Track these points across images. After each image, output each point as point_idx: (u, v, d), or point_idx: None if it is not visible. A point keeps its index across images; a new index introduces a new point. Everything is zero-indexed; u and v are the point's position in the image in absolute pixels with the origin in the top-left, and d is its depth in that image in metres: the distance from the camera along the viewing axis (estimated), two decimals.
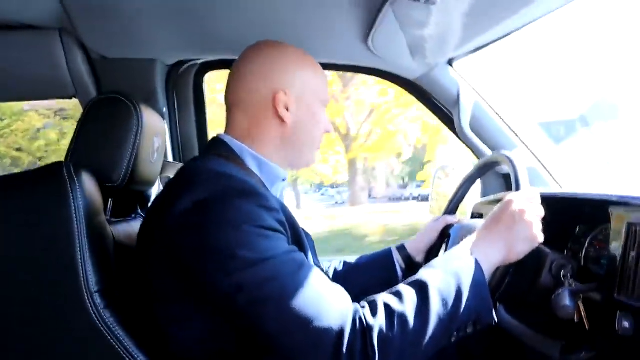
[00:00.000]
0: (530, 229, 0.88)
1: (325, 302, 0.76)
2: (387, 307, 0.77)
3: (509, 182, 1.64)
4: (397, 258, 1.28)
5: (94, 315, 0.81)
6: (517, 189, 0.97)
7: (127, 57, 1.39)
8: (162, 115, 1.44)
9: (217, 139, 0.97)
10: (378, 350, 0.73)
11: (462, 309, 0.78)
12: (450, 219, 1.32)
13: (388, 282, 1.26)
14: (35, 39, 1.32)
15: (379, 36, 1.29)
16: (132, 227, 1.15)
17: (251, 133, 0.96)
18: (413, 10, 1.14)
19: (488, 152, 1.54)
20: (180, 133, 1.54)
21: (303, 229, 1.00)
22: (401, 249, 1.30)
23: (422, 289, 0.79)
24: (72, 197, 0.82)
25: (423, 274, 0.82)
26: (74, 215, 0.82)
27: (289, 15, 1.24)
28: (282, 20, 1.26)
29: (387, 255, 1.29)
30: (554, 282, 0.99)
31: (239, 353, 0.82)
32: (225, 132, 0.99)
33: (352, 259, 1.33)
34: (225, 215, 0.77)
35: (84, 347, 0.83)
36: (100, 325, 0.82)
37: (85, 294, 0.81)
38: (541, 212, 0.91)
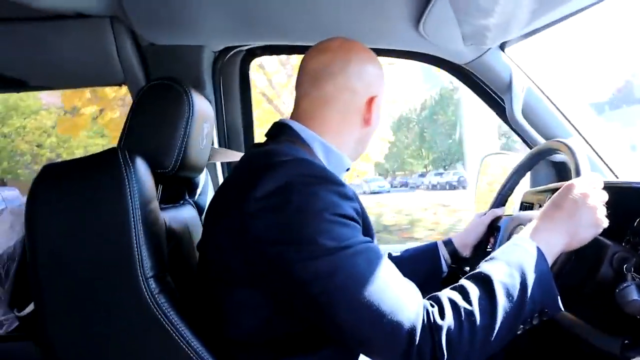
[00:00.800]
0: (594, 213, 0.85)
1: (400, 297, 0.75)
2: (454, 306, 0.75)
3: (561, 171, 1.59)
4: (443, 252, 1.26)
5: (149, 300, 0.83)
6: (578, 176, 0.93)
7: (175, 44, 1.40)
8: (209, 102, 1.45)
9: (285, 125, 0.97)
10: (447, 351, 0.71)
11: (527, 302, 0.76)
12: (498, 212, 1.29)
13: (433, 275, 1.26)
14: (87, 27, 1.35)
15: (431, 20, 1.26)
16: (181, 213, 1.17)
17: (329, 125, 0.97)
18: None
19: (540, 140, 1.49)
20: (225, 119, 1.55)
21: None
22: (448, 243, 1.28)
23: (486, 284, 0.77)
24: (127, 183, 0.84)
25: (486, 267, 0.80)
26: (130, 201, 0.83)
27: (339, 1, 1.22)
28: (332, 5, 1.24)
29: (432, 248, 1.27)
30: (615, 275, 0.95)
31: (301, 341, 0.83)
32: (293, 118, 0.99)
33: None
34: (306, 201, 0.77)
35: (139, 331, 0.84)
36: (155, 310, 0.83)
37: (141, 279, 0.83)
38: (605, 196, 0.88)
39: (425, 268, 1.24)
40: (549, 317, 0.81)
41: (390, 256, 1.29)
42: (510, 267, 0.79)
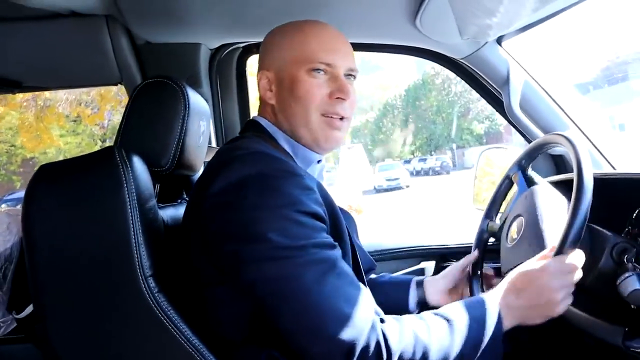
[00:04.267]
0: (557, 304, 0.86)
1: (346, 313, 0.73)
2: (415, 335, 0.76)
3: (559, 164, 1.59)
4: (413, 294, 1.19)
5: (149, 299, 0.82)
6: (579, 170, 0.92)
7: (171, 42, 1.40)
8: (206, 100, 1.44)
9: (253, 121, 0.98)
10: None
11: (477, 358, 0.79)
12: (471, 258, 1.20)
13: (398, 312, 1.23)
14: (82, 26, 1.34)
15: (427, 14, 1.25)
16: (179, 212, 1.16)
17: (277, 116, 0.96)
18: None
19: (539, 134, 1.49)
20: (223, 117, 1.54)
21: (341, 209, 0.97)
22: (419, 285, 1.21)
23: (449, 327, 0.78)
24: (125, 182, 0.83)
25: (451, 312, 0.81)
26: (128, 199, 0.83)
27: None
28: (328, 1, 1.23)
29: (404, 286, 1.21)
30: (615, 266, 0.94)
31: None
32: (260, 114, 1.00)
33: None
34: (261, 196, 0.76)
35: (140, 329, 0.84)
36: (155, 309, 0.83)
37: (140, 278, 0.82)
38: (578, 278, 0.88)
39: (395, 302, 1.18)
40: None
41: (368, 276, 1.21)
42: (473, 320, 0.80)
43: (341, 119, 0.95)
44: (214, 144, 1.55)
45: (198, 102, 1.08)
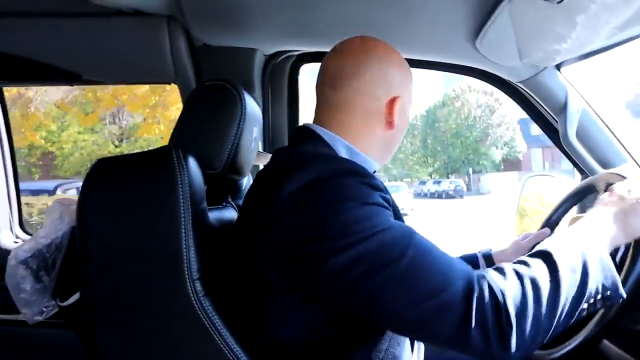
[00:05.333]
0: None
1: (447, 267, 0.74)
2: (517, 274, 0.74)
3: None
4: (483, 265, 1.24)
5: (194, 302, 0.82)
6: None
7: (228, 46, 1.41)
8: (258, 105, 1.45)
9: (307, 128, 0.96)
10: (515, 317, 0.69)
11: (589, 280, 0.75)
12: (542, 236, 1.22)
13: None
14: (144, 24, 1.37)
15: (489, 36, 1.22)
16: (224, 215, 1.16)
17: (350, 129, 0.94)
18: (533, 9, 1.07)
19: (594, 165, 1.43)
20: (271, 123, 1.54)
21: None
22: (487, 257, 1.25)
23: (548, 258, 0.75)
24: (180, 182, 0.83)
25: (545, 245, 0.79)
26: (181, 200, 0.83)
27: (394, 9, 1.20)
28: (387, 15, 1.22)
29: (473, 261, 1.24)
30: None
31: (337, 345, 0.81)
32: (315, 122, 0.97)
33: None
34: (335, 193, 0.76)
35: (182, 331, 0.83)
36: (200, 313, 0.82)
37: (188, 281, 0.82)
38: None
39: None
40: (612, 304, 0.79)
41: None
42: (571, 246, 0.78)
43: None
44: (260, 149, 1.55)
45: (253, 107, 1.08)
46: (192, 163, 0.89)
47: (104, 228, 0.84)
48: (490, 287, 0.71)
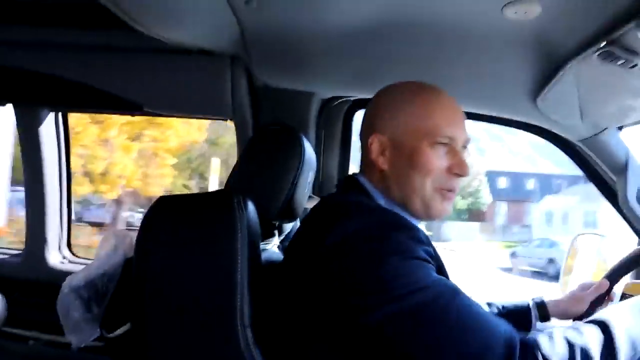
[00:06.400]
0: None
1: (489, 331, 0.71)
2: (566, 338, 0.70)
3: None
4: (536, 316, 1.17)
5: (243, 350, 0.80)
6: None
7: (288, 88, 1.43)
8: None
9: (353, 178, 0.96)
10: None
11: None
12: (601, 289, 1.18)
13: None
14: (208, 62, 1.41)
15: (551, 95, 1.20)
16: (272, 257, 1.16)
17: (382, 180, 0.93)
18: (601, 72, 1.05)
19: None
20: (323, 167, 1.55)
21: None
22: (540, 306, 1.19)
23: (606, 328, 0.72)
24: (239, 228, 0.83)
25: (604, 313, 0.76)
26: (239, 245, 0.82)
27: (459, 62, 1.20)
28: (450, 67, 1.22)
29: (524, 310, 1.18)
30: None
31: None
32: (361, 172, 0.97)
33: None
34: (377, 246, 0.75)
35: None
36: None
37: (240, 328, 0.81)
38: None
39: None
40: None
41: None
42: (633, 318, 0.74)
43: (452, 191, 0.93)
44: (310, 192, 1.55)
45: (311, 153, 1.09)
46: (251, 207, 0.89)
47: (160, 264, 0.85)
48: (533, 355, 0.68)
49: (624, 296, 1.38)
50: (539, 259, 16.02)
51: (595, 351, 0.69)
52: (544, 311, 1.18)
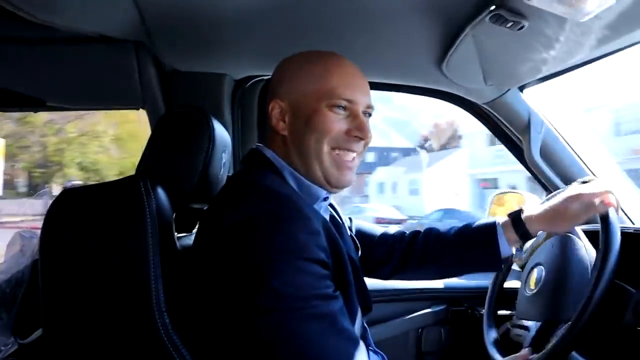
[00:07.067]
0: None
1: None
2: None
3: None
4: (502, 234, 1.08)
5: (162, 335, 0.79)
6: (606, 226, 0.91)
7: (198, 71, 1.40)
8: (227, 130, 1.44)
9: (257, 151, 0.95)
10: None
11: None
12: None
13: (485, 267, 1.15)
14: (111, 50, 1.35)
15: (454, 60, 1.26)
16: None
17: (283, 147, 0.93)
18: (495, 35, 1.10)
19: (559, 183, 1.47)
20: (241, 149, 1.53)
21: (353, 238, 1.00)
22: (517, 222, 1.07)
23: None
24: (147, 212, 0.81)
25: None
26: (149, 231, 0.81)
27: (360, 33, 1.22)
28: (355, 39, 1.24)
29: (487, 229, 1.10)
30: (638, 322, 0.93)
31: None
32: (268, 144, 0.96)
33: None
34: (267, 238, 0.75)
35: None
36: (168, 345, 0.80)
37: (155, 313, 0.79)
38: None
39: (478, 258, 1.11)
40: None
41: (429, 233, 1.17)
42: None
43: (352, 158, 0.94)
44: (230, 174, 1.53)
45: (222, 134, 1.08)
46: (160, 193, 0.87)
47: (68, 261, 0.81)
48: None
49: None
50: None
51: None
52: (522, 228, 1.07)
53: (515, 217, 1.08)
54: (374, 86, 1.48)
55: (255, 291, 0.72)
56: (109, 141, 16.11)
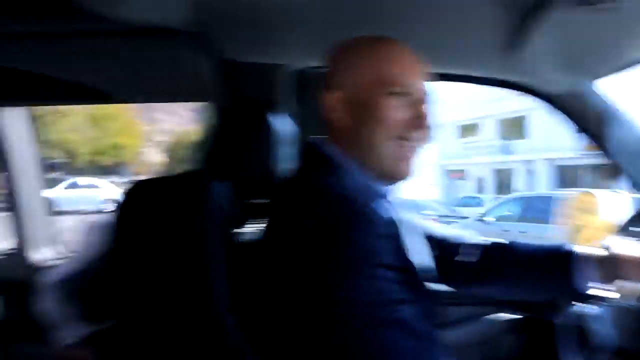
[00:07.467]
0: None
1: None
2: None
3: None
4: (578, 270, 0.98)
5: (223, 334, 0.79)
6: None
7: (256, 62, 1.39)
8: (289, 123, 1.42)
9: (317, 147, 0.92)
10: None
11: None
12: None
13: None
14: (166, 42, 1.35)
15: (527, 47, 1.18)
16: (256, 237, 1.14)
17: (342, 140, 0.90)
18: (573, 19, 1.03)
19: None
20: (301, 141, 1.51)
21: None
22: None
23: None
24: (209, 208, 0.81)
25: None
26: (211, 226, 0.81)
27: (425, 24, 1.17)
28: (422, 29, 1.19)
29: (561, 255, 1.00)
30: None
31: None
32: (331, 140, 0.93)
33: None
34: (340, 248, 0.73)
35: None
36: (228, 344, 0.79)
37: (216, 312, 0.80)
38: None
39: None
40: None
41: (504, 249, 1.08)
42: None
43: (412, 148, 0.90)
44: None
45: (283, 126, 1.06)
46: (222, 188, 0.87)
47: (140, 251, 0.83)
48: None
49: None
50: None
51: None
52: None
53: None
54: (439, 77, 1.42)
55: (328, 300, 0.72)
56: (82, 120, 16.40)
